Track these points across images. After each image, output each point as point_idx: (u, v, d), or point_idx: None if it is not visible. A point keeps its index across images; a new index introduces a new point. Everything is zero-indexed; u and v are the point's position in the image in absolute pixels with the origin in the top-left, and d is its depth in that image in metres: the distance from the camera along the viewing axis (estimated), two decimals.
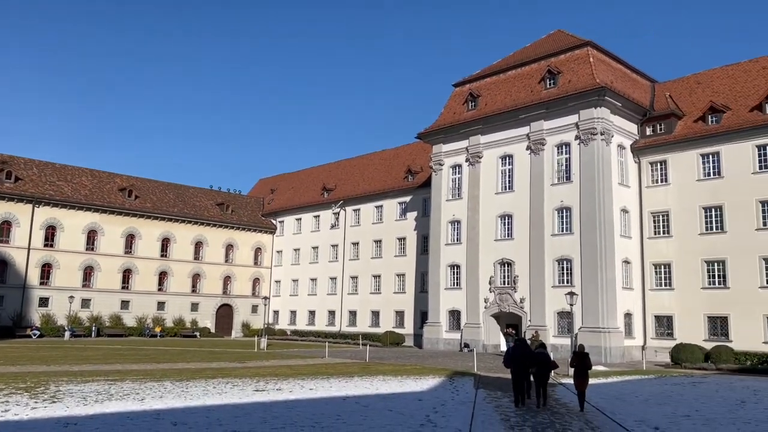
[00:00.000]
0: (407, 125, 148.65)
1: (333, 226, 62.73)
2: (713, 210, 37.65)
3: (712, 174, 38.08)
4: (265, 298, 51.85)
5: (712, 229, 37.54)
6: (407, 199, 55.86)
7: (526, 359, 16.37)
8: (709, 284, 37.16)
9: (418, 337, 49.81)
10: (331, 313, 61.13)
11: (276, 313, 67.47)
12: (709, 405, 17.88)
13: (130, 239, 60.31)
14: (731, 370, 31.29)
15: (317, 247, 64.18)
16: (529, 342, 23.96)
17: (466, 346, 42.36)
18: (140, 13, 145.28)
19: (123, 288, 59.45)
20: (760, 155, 36.37)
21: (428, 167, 50.98)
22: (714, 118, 38.93)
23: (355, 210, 60.91)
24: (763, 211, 35.75)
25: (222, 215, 67.38)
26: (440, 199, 47.53)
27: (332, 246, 62.45)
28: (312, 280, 64.03)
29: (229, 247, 67.30)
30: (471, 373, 26.16)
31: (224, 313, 66.35)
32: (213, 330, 64.25)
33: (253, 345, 43.93)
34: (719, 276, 36.89)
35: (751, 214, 36.00)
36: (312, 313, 63.31)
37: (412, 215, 55.09)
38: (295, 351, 40.99)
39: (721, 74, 41.97)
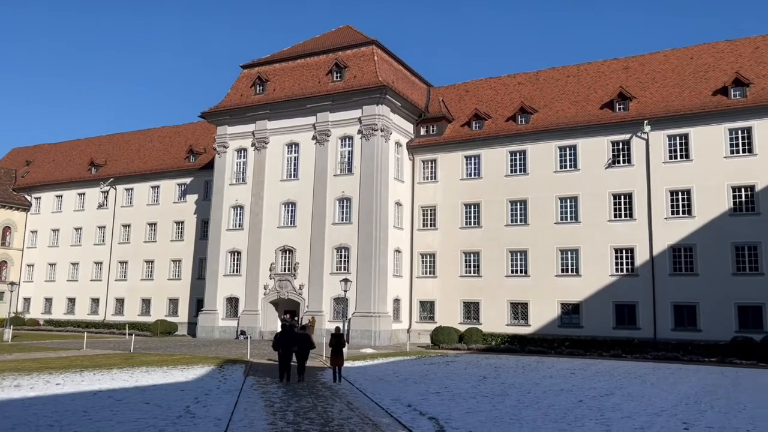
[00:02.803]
0: (191, 102, 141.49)
1: (101, 206, 57.22)
2: (472, 207, 41.97)
3: (473, 174, 42.38)
4: (13, 283, 45.27)
5: (470, 224, 41.85)
6: (188, 180, 53.16)
7: (290, 341, 18.52)
8: (466, 273, 41.43)
9: (192, 326, 47.82)
10: (95, 300, 55.85)
11: (27, 300, 59.64)
12: (456, 382, 19.85)
13: None
14: (480, 350, 35.28)
15: (81, 229, 58.02)
16: (305, 327, 25.73)
17: (243, 333, 41.77)
18: None
19: None
20: (511, 160, 41.40)
21: (212, 149, 49.07)
22: (477, 125, 43.34)
23: (127, 189, 56.24)
24: (512, 210, 40.80)
25: None
26: (223, 182, 46.08)
27: (99, 228, 56.97)
28: (73, 264, 57.77)
29: None
30: (243, 360, 25.84)
31: None
32: None
33: None
34: (474, 266, 41.29)
35: (502, 211, 40.88)
36: (72, 300, 57.18)
37: (192, 198, 52.57)
38: (48, 343, 36.64)
39: (485, 85, 46.85)
